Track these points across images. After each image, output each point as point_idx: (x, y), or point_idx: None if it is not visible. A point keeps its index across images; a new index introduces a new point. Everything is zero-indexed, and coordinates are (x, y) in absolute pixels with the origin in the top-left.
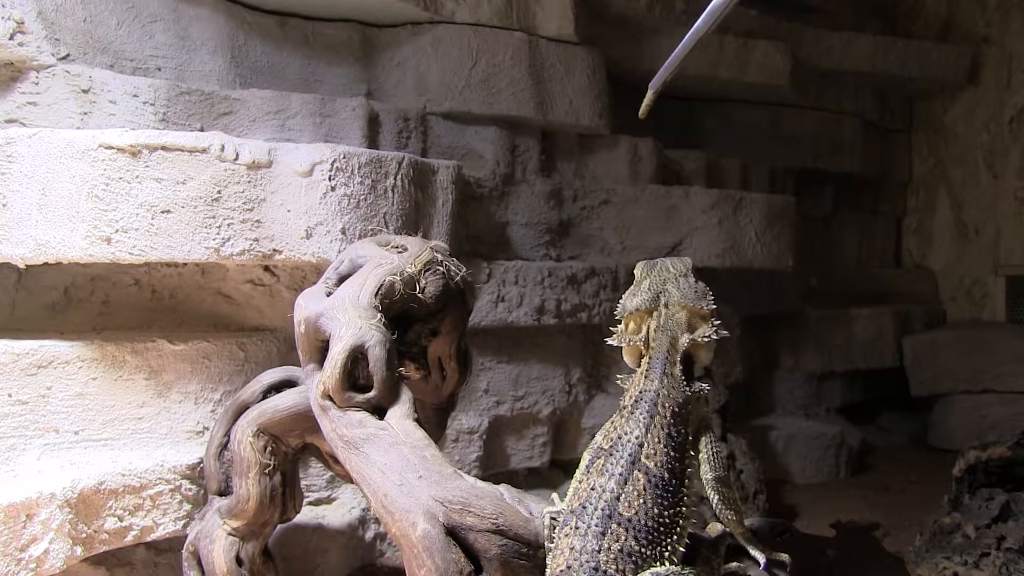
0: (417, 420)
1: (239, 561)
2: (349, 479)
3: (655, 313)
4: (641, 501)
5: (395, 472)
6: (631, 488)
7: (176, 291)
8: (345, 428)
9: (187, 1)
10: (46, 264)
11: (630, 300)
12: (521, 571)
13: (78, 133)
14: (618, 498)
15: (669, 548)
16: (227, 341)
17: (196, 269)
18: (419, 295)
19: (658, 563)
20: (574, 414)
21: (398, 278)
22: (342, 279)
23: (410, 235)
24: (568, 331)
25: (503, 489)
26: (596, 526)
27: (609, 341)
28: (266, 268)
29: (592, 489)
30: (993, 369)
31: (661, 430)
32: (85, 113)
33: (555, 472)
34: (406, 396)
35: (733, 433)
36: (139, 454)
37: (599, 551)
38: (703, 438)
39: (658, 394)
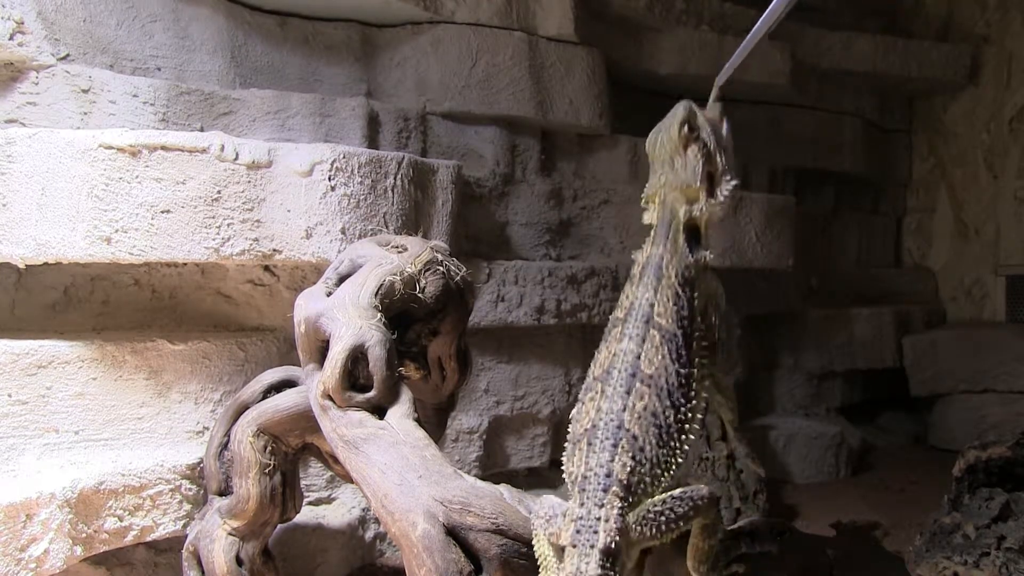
0: (417, 420)
1: (239, 561)
2: (349, 479)
3: (659, 192)
4: (660, 357)
5: (395, 472)
6: (649, 346)
7: (176, 291)
8: (345, 428)
9: (187, 1)
10: (46, 264)
11: (648, 183)
12: (521, 571)
13: (78, 133)
14: (638, 357)
15: (688, 410)
16: (227, 341)
17: (196, 269)
18: (419, 295)
19: (677, 427)
20: None
21: (398, 278)
22: (342, 279)
23: (410, 235)
24: (568, 331)
25: (503, 489)
26: (621, 386)
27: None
28: (266, 268)
29: (614, 355)
30: (993, 369)
31: (668, 290)
32: (85, 113)
33: (555, 472)
34: (406, 396)
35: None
36: (139, 454)
37: (624, 410)
38: (710, 307)
39: (662, 258)
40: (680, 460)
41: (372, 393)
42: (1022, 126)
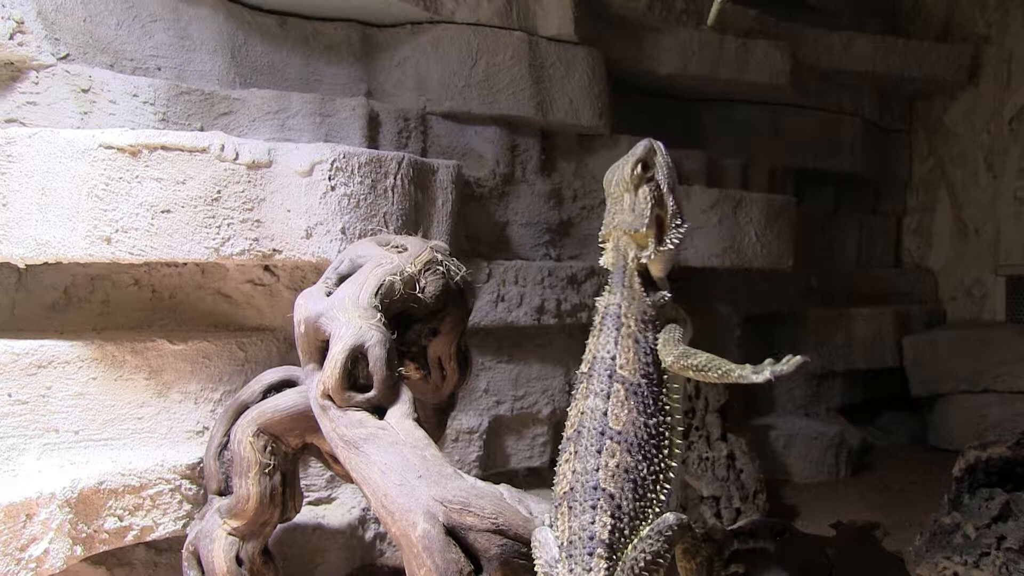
0: (417, 420)
1: (239, 561)
2: (349, 479)
3: (612, 234)
4: (626, 412)
5: (395, 472)
6: (614, 401)
7: (176, 291)
8: (345, 428)
9: (187, 1)
10: (46, 264)
11: (604, 223)
12: (521, 571)
13: (78, 133)
14: (605, 414)
15: (660, 460)
16: (227, 341)
17: (196, 269)
18: (419, 295)
19: (652, 479)
20: None
21: (398, 278)
22: (342, 279)
23: (410, 235)
24: (568, 331)
25: (503, 489)
26: (591, 445)
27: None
28: (266, 268)
29: (582, 413)
30: (993, 369)
31: (628, 339)
32: (85, 113)
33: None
34: (406, 396)
35: (733, 433)
36: (139, 454)
37: (597, 470)
38: (661, 333)
39: (620, 306)
40: (659, 509)
41: (372, 393)
42: (1022, 126)
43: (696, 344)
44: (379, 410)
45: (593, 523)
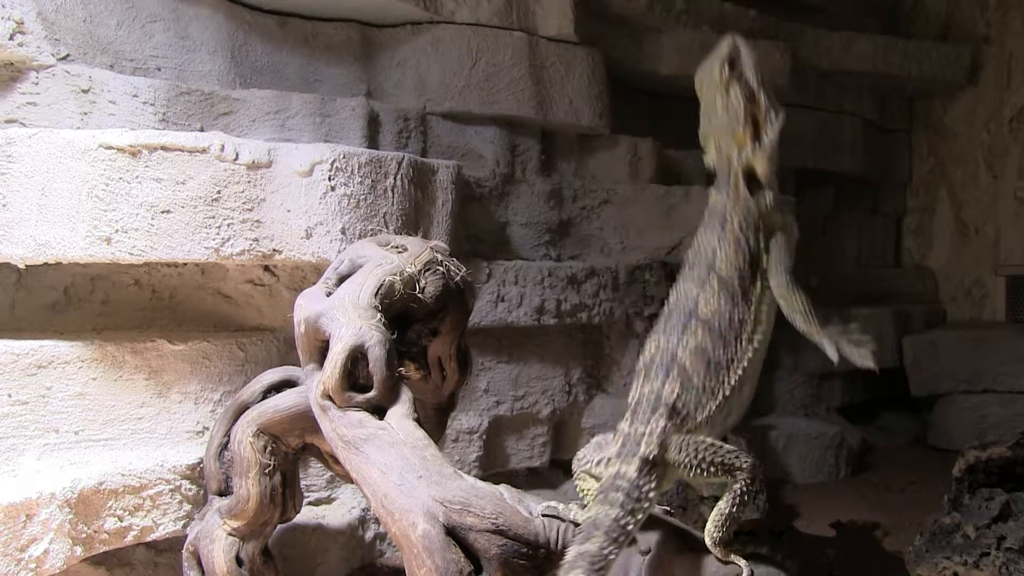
0: (417, 420)
1: (239, 561)
2: (349, 479)
3: (710, 136)
4: (717, 302)
5: (395, 472)
6: (708, 290)
7: (176, 291)
8: (345, 428)
9: (187, 1)
10: (46, 264)
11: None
12: (521, 571)
13: (78, 133)
14: (697, 299)
15: (737, 348)
16: (227, 341)
17: (196, 269)
18: (419, 295)
19: (727, 361)
20: (574, 414)
21: (398, 278)
22: (342, 279)
23: (410, 235)
24: (568, 331)
25: (503, 489)
26: (679, 323)
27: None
28: (266, 268)
29: (677, 296)
30: (993, 369)
31: (730, 236)
32: (85, 113)
33: (555, 472)
34: (406, 396)
35: (733, 433)
36: (139, 454)
37: (678, 344)
38: (772, 240)
39: (725, 206)
40: (727, 393)
41: (372, 393)
42: (1022, 126)
43: None
44: (379, 410)
45: (663, 387)
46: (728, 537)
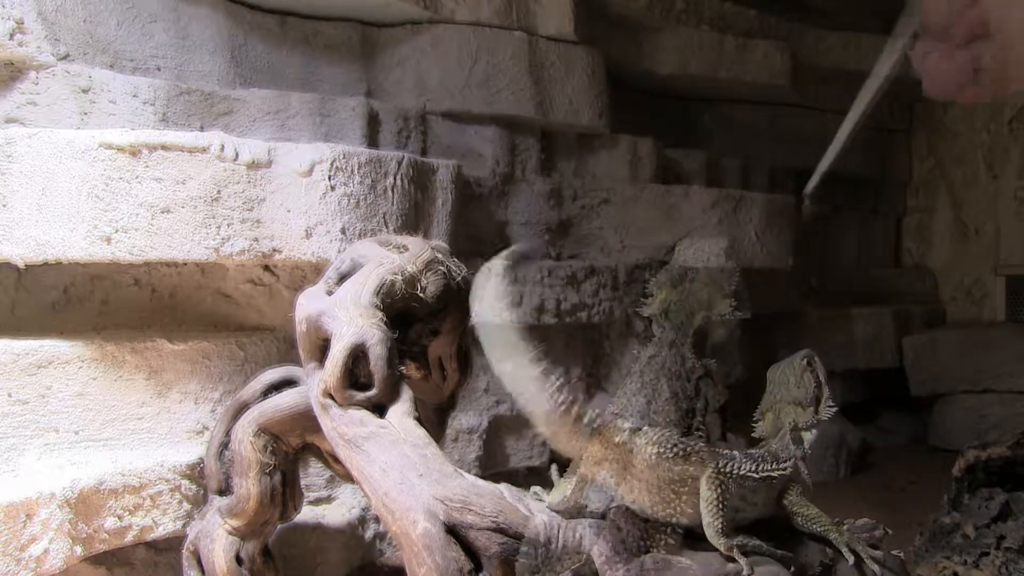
0: (418, 418)
1: (239, 560)
2: (349, 478)
3: (772, 409)
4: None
5: (396, 470)
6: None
7: (176, 291)
8: (346, 426)
9: (187, 1)
10: (46, 264)
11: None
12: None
13: (78, 133)
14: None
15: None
16: (227, 341)
17: (196, 269)
18: (420, 294)
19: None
20: None
21: (399, 277)
22: (343, 278)
23: (410, 235)
24: (568, 331)
25: (503, 488)
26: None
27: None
28: (266, 268)
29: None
30: (993, 369)
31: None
32: (85, 113)
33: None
34: (407, 395)
35: (733, 433)
36: (139, 454)
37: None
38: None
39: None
40: None
41: (373, 392)
42: (1022, 126)
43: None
44: (380, 409)
45: None
46: (726, 526)
